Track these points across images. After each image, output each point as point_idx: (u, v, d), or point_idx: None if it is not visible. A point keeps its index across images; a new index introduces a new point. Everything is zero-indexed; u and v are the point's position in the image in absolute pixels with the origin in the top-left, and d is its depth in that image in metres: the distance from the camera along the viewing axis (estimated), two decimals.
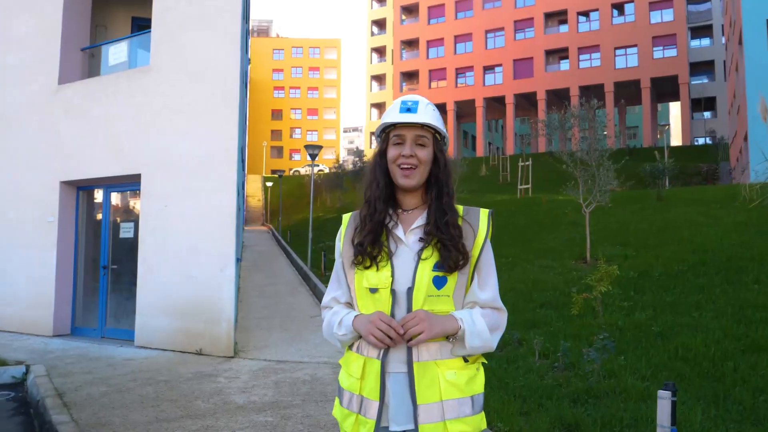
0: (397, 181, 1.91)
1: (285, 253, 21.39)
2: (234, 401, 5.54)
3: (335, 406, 1.98)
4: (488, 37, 50.66)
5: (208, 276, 7.84)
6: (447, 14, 52.67)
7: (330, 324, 1.96)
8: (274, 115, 78.29)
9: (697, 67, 51.15)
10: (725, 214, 12.21)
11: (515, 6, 49.57)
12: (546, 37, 48.04)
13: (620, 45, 45.06)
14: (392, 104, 1.97)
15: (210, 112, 8.00)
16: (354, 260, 1.90)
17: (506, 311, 1.92)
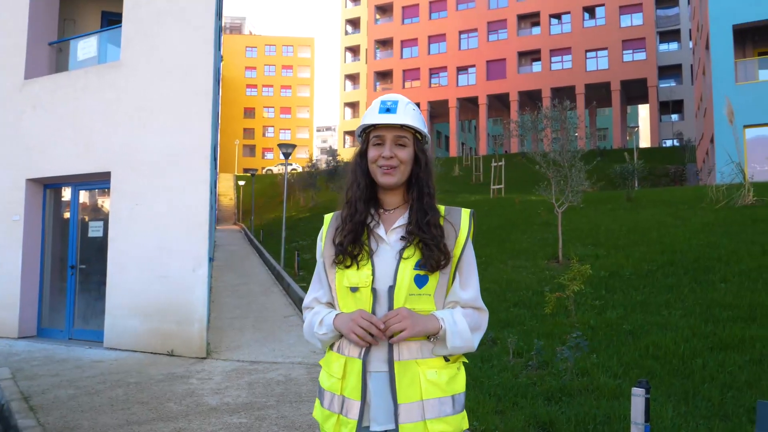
0: (377, 180, 1.90)
1: (258, 252, 21.22)
2: (207, 403, 5.47)
3: (316, 408, 1.96)
4: (462, 38, 50.94)
5: (180, 276, 7.73)
6: (421, 14, 52.81)
7: (311, 324, 1.94)
8: (247, 113, 77.65)
9: (666, 71, 52.16)
10: (693, 215, 12.45)
11: (488, 7, 49.93)
12: (519, 39, 48.48)
13: (591, 48, 45.69)
14: (372, 104, 1.96)
15: (182, 108, 7.89)
16: (335, 259, 1.89)
17: (487, 311, 1.93)
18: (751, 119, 19.60)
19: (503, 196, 22.91)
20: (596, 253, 10.56)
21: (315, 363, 7.19)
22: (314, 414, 1.96)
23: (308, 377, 6.50)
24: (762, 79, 20.92)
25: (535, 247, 11.88)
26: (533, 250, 11.63)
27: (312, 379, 6.39)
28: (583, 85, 45.12)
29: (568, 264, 10.04)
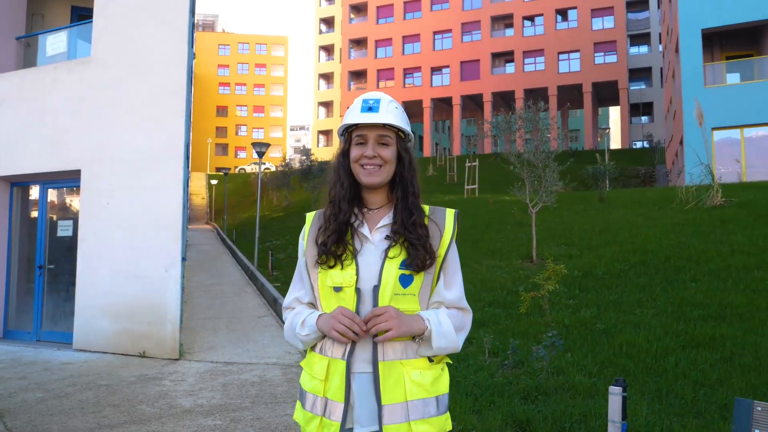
0: (360, 179, 1.88)
1: (230, 252, 21.01)
2: (180, 405, 5.38)
3: (297, 410, 1.92)
4: (436, 39, 51.13)
5: (153, 276, 7.60)
6: (396, 14, 52.89)
7: (292, 325, 1.91)
8: (219, 111, 76.90)
9: (636, 73, 53.06)
10: (663, 216, 12.66)
11: (462, 8, 50.21)
12: (492, 40, 48.83)
13: (563, 50, 46.22)
14: (354, 102, 1.94)
15: (156, 105, 7.76)
16: (318, 259, 1.86)
17: (471, 311, 1.92)
18: (718, 122, 20.02)
19: (477, 196, 23.06)
20: (569, 252, 10.68)
21: (290, 364, 7.13)
22: (295, 416, 1.92)
23: (283, 378, 6.44)
24: (730, 82, 21.39)
25: (509, 247, 11.97)
26: (507, 250, 11.71)
27: (287, 380, 6.33)
28: (556, 86, 45.63)
29: (542, 264, 10.14)
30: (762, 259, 8.33)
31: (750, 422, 2.18)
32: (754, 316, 6.33)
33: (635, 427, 4.01)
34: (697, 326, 6.21)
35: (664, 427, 3.98)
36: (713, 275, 8.02)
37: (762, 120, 19.89)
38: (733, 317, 6.38)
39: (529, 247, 11.16)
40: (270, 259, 15.09)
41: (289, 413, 5.13)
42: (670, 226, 11.48)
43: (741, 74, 21.65)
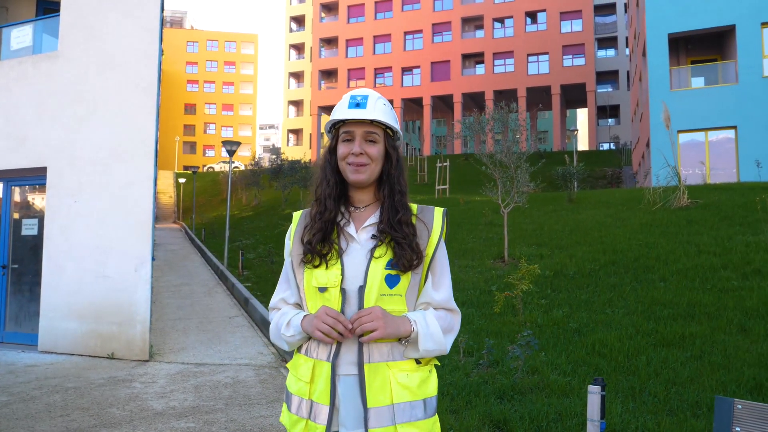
0: (347, 177, 1.85)
1: (200, 252, 20.73)
2: (152, 407, 5.27)
3: (283, 412, 1.89)
4: (407, 39, 51.25)
5: (122, 276, 7.44)
6: (367, 14, 52.84)
7: (277, 326, 1.88)
8: (188, 109, 75.91)
9: (603, 76, 53.95)
10: (631, 216, 12.87)
11: (433, 9, 50.41)
12: (463, 42, 49.13)
13: (533, 52, 46.75)
14: (342, 99, 1.91)
15: (125, 102, 7.59)
16: (303, 258, 1.82)
17: (459, 312, 1.91)
18: (684, 125, 20.46)
19: (448, 196, 23.16)
20: (540, 252, 10.78)
21: (263, 364, 7.05)
22: (281, 419, 1.89)
23: (257, 379, 6.36)
24: (694, 86, 21.88)
25: (480, 247, 12.03)
26: (479, 250, 11.77)
27: (261, 381, 6.26)
28: (525, 88, 46.12)
29: (513, 263, 10.22)
30: (728, 259, 8.52)
31: (731, 420, 2.21)
32: (721, 315, 6.46)
33: (610, 426, 4.05)
34: (667, 325, 6.32)
35: (639, 425, 4.03)
36: (681, 275, 8.17)
37: (725, 123, 20.39)
38: (701, 316, 6.51)
39: (500, 247, 11.24)
40: (240, 258, 14.93)
41: (263, 415, 5.06)
42: (638, 226, 11.67)
43: (705, 78, 22.17)
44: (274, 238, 19.69)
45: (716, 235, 10.08)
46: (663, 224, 11.51)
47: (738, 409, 2.21)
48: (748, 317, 6.31)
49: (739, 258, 8.50)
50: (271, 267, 14.47)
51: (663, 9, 21.70)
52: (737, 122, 20.15)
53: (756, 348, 5.43)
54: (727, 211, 11.89)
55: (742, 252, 8.81)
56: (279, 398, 5.63)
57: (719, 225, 10.86)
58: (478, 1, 49.07)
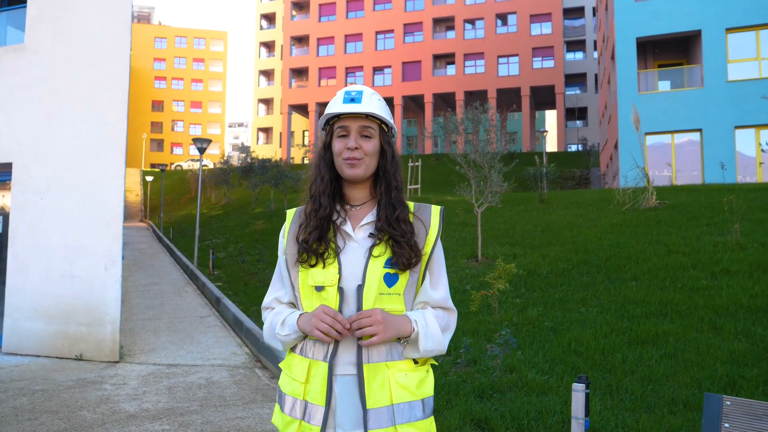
0: (342, 172, 1.81)
1: (168, 251, 20.39)
2: (124, 409, 5.13)
3: (275, 413, 1.84)
4: (378, 39, 51.24)
5: (91, 275, 7.25)
6: (338, 13, 52.67)
7: (272, 325, 1.83)
8: (155, 106, 74.71)
9: (571, 79, 54.72)
10: (601, 216, 13.05)
11: (405, 9, 50.49)
12: (434, 42, 49.32)
13: (503, 54, 47.18)
14: (336, 95, 1.88)
15: (95, 97, 7.40)
16: (298, 258, 1.78)
17: (456, 311, 1.89)
18: (651, 127, 20.85)
19: (420, 196, 23.20)
20: (513, 252, 10.86)
21: (237, 365, 6.95)
22: (273, 420, 1.84)
23: (231, 380, 6.26)
24: (661, 89, 22.33)
25: (454, 247, 12.07)
26: (453, 249, 11.81)
27: (236, 382, 6.16)
28: (495, 89, 46.52)
29: (487, 263, 10.27)
30: (697, 258, 8.68)
31: (719, 416, 2.23)
32: (692, 313, 6.57)
33: (590, 423, 4.08)
34: (641, 323, 6.40)
35: (618, 423, 4.07)
36: (652, 274, 8.30)
37: (690, 126, 20.85)
38: (673, 314, 6.61)
39: (474, 247, 11.29)
40: (210, 257, 14.72)
41: (240, 416, 4.98)
42: (608, 226, 11.84)
43: (671, 82, 22.64)
44: (245, 237, 19.48)
45: (684, 235, 10.27)
46: (633, 224, 11.70)
47: (726, 406, 2.23)
48: (718, 315, 6.43)
49: (708, 258, 8.68)
50: (242, 266, 14.30)
51: (632, 13, 22.10)
52: (702, 125, 20.62)
53: (727, 345, 5.53)
54: (694, 212, 12.14)
55: (710, 252, 8.99)
56: (255, 399, 5.54)
57: (687, 225, 11.08)
58: (450, 2, 49.33)
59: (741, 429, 2.18)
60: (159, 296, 11.99)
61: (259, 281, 12.28)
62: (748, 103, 19.98)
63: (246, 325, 8.24)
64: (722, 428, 2.22)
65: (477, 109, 12.22)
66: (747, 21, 20.53)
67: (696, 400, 4.43)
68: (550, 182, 23.66)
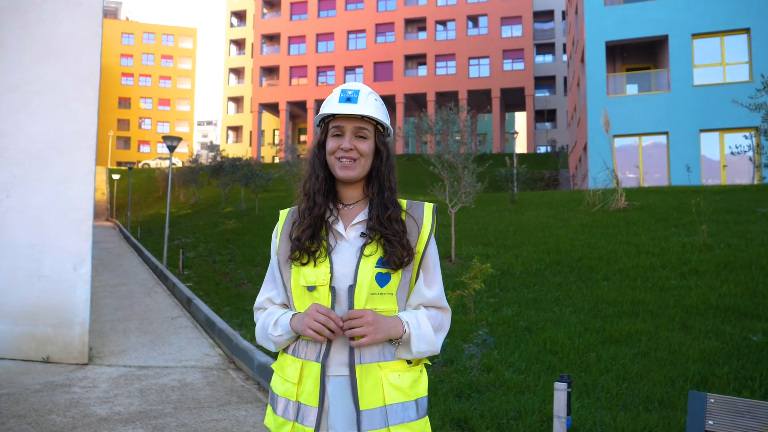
0: (336, 173, 1.80)
1: (136, 250, 20.02)
2: (95, 413, 5.01)
3: (267, 415, 1.81)
4: (350, 38, 51.16)
5: (59, 275, 7.06)
6: (310, 12, 52.43)
7: (264, 326, 1.81)
8: (122, 103, 73.41)
9: (541, 81, 55.40)
10: (572, 217, 13.23)
11: (377, 9, 50.51)
12: (405, 43, 49.44)
13: (474, 55, 47.53)
14: (332, 92, 1.87)
15: (65, 92, 7.21)
16: (290, 256, 1.76)
17: (450, 310, 1.87)
18: (619, 130, 21.22)
19: None
20: (487, 252, 10.93)
21: (210, 366, 6.84)
22: (266, 422, 1.81)
23: (205, 382, 6.16)
24: (629, 93, 22.74)
25: None
26: None
27: (209, 384, 6.06)
28: (466, 90, 46.84)
29: (461, 263, 10.32)
30: (666, 259, 8.85)
31: (704, 414, 2.26)
32: (663, 312, 6.69)
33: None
34: (614, 323, 6.49)
35: (596, 421, 4.11)
36: (623, 274, 8.43)
37: (657, 129, 21.27)
38: (645, 314, 6.72)
39: (447, 247, 11.33)
40: (180, 257, 14.49)
41: (216, 418, 4.90)
42: (579, 227, 12.00)
43: (639, 86, 23.08)
44: (215, 236, 19.25)
45: (653, 236, 10.46)
46: (603, 225, 11.88)
47: (711, 403, 2.27)
48: (688, 315, 6.56)
49: (676, 258, 8.85)
50: (213, 266, 14.12)
51: (601, 18, 22.47)
52: (669, 128, 21.05)
53: (698, 344, 5.64)
54: (662, 213, 12.38)
55: (678, 252, 9.17)
56: (230, 401, 5.46)
57: (656, 226, 11.29)
58: (421, 3, 49.51)
59: (725, 426, 2.22)
60: (128, 297, 11.76)
61: (230, 281, 12.13)
62: (713, 107, 20.48)
63: (219, 326, 8.13)
64: (706, 425, 2.24)
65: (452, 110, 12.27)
66: (712, 27, 21.04)
67: (670, 397, 4.51)
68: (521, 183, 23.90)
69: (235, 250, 15.38)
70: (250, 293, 10.69)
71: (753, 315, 6.35)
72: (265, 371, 5.91)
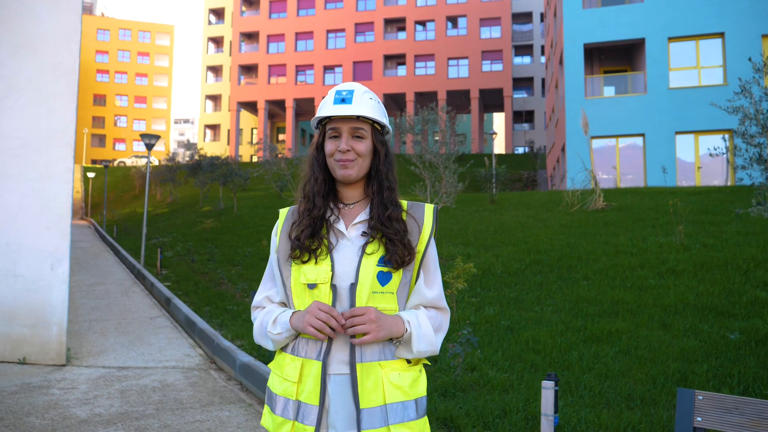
0: (335, 174, 1.80)
1: (113, 249, 19.75)
2: (75, 415, 4.93)
3: (264, 415, 1.79)
4: (329, 37, 51.03)
5: (36, 274, 6.93)
6: (289, 10, 52.19)
7: (263, 324, 1.79)
8: (97, 100, 72.35)
9: (519, 82, 55.82)
10: (551, 217, 13.35)
11: (356, 9, 50.45)
12: (385, 43, 49.47)
13: (453, 56, 47.72)
14: (327, 93, 1.87)
15: (43, 88, 7.07)
16: (291, 254, 1.75)
17: (449, 311, 1.88)
18: (597, 131, 21.47)
19: None
20: (467, 252, 10.98)
21: (191, 367, 6.77)
22: (263, 422, 1.80)
23: (186, 382, 6.09)
24: (606, 95, 23.01)
25: None
26: None
27: (191, 384, 6.00)
28: (445, 91, 47.01)
29: (443, 263, 10.34)
30: (644, 258, 8.97)
31: (692, 410, 2.29)
32: (643, 311, 6.78)
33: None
34: (594, 322, 6.57)
35: (580, 419, 4.15)
36: (603, 274, 8.53)
37: (634, 131, 21.56)
38: (625, 313, 6.81)
39: None
40: (159, 256, 14.32)
41: (199, 419, 4.85)
42: (558, 227, 12.12)
43: (616, 88, 23.37)
44: (194, 236, 19.06)
45: (631, 236, 10.60)
46: (582, 225, 12.01)
47: (699, 400, 2.30)
48: (667, 314, 6.66)
49: (654, 258, 8.98)
50: (192, 266, 13.98)
51: (579, 20, 22.71)
52: (645, 130, 21.35)
53: (677, 342, 5.73)
54: (639, 214, 12.55)
55: (656, 252, 9.31)
56: (213, 401, 5.41)
57: (633, 227, 11.45)
58: (401, 3, 49.57)
59: (713, 422, 2.25)
60: (105, 296, 11.59)
61: (210, 281, 12.02)
62: (688, 109, 20.82)
63: (199, 326, 8.05)
64: (695, 422, 2.28)
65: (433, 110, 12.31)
66: (688, 31, 21.39)
67: (652, 395, 4.57)
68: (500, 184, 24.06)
69: (214, 250, 15.25)
70: (230, 293, 10.61)
71: (730, 314, 6.47)
72: (248, 371, 5.87)
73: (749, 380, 4.76)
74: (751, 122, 5.80)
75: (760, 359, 5.17)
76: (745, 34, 20.66)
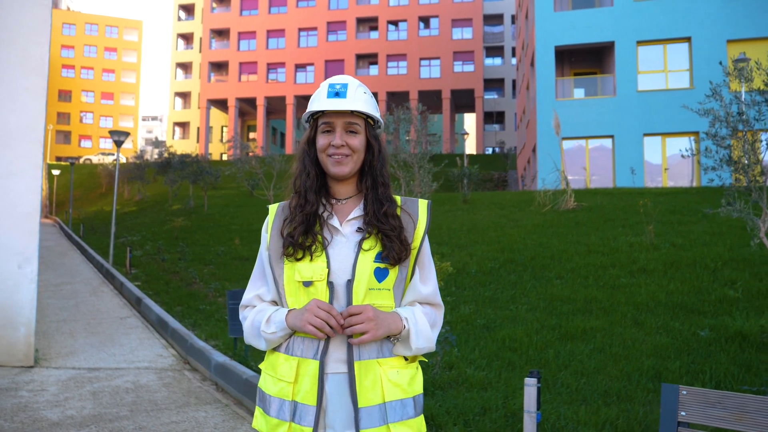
0: (328, 170, 1.77)
1: (79, 248, 19.34)
2: (46, 417, 4.81)
3: (256, 417, 1.75)
4: (301, 36, 50.73)
5: (3, 273, 6.73)
6: (260, 7, 51.71)
7: (254, 323, 1.75)
8: (62, 96, 70.76)
9: (490, 83, 56.29)
10: (524, 217, 13.49)
11: (329, 7, 50.26)
12: (357, 42, 49.38)
13: (425, 56, 47.88)
14: (320, 87, 1.82)
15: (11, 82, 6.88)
16: (284, 251, 1.71)
17: (443, 307, 1.87)
18: (567, 132, 21.75)
19: None
20: (441, 251, 11.02)
21: (164, 367, 6.67)
22: (255, 425, 1.75)
23: (160, 383, 5.99)
24: (576, 97, 23.34)
25: None
26: None
27: (165, 385, 5.90)
28: (417, 91, 47.13)
29: None
30: (615, 258, 9.12)
31: (677, 405, 2.33)
32: (616, 309, 6.89)
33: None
34: (569, 320, 6.65)
35: (559, 416, 4.19)
36: (575, 273, 8.65)
37: (603, 132, 21.91)
38: (598, 311, 6.91)
39: None
40: (128, 255, 14.06)
41: (175, 420, 4.77)
42: (531, 227, 12.25)
43: (586, 90, 23.73)
44: (163, 234, 18.77)
45: (602, 235, 10.77)
46: (554, 225, 12.16)
47: (683, 395, 2.33)
48: (639, 312, 6.77)
49: (625, 257, 9.13)
50: (162, 265, 13.76)
51: (551, 23, 22.99)
52: (614, 131, 21.72)
53: (650, 340, 5.84)
54: (609, 214, 12.76)
55: (627, 251, 9.47)
56: (188, 402, 5.33)
57: (604, 226, 11.63)
58: (373, 3, 49.53)
59: (697, 416, 2.29)
60: (73, 296, 11.34)
61: (181, 280, 11.85)
62: (656, 112, 21.23)
63: (172, 326, 7.93)
64: (679, 416, 2.31)
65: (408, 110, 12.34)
66: (656, 35, 21.82)
67: (627, 391, 4.64)
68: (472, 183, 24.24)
69: (185, 249, 15.03)
70: (203, 293, 10.47)
71: (699, 311, 6.61)
72: (223, 371, 5.79)
73: (720, 376, 4.87)
74: (722, 125, 5.93)
75: (730, 356, 5.30)
76: (710, 39, 21.17)
